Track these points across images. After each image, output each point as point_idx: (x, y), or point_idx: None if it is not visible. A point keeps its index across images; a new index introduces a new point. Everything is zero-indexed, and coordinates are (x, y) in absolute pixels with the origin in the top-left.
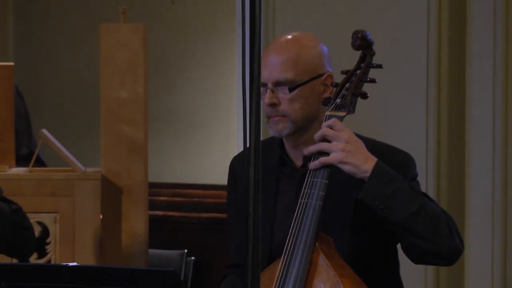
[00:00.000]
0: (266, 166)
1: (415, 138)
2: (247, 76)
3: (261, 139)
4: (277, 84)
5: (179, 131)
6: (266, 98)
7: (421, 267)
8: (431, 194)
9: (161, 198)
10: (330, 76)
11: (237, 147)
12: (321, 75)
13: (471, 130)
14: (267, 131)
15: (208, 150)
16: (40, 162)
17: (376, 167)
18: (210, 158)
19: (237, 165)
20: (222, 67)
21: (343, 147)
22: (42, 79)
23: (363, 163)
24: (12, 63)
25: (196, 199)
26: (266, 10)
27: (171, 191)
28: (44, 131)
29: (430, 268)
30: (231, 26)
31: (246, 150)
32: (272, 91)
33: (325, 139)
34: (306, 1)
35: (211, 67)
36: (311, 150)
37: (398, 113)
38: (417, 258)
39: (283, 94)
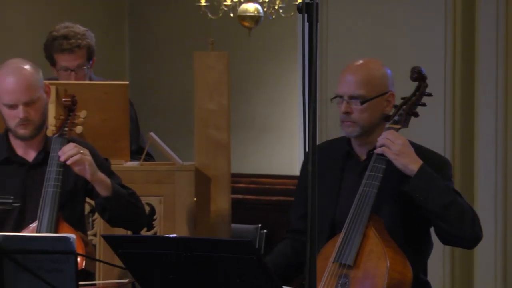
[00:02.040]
0: (334, 158)
1: (434, 139)
2: (306, 92)
3: (317, 141)
4: (352, 97)
5: (254, 133)
6: (342, 107)
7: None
8: None
9: (241, 185)
10: (392, 95)
11: (298, 146)
12: (386, 93)
13: (479, 132)
14: (321, 134)
15: (276, 148)
16: (149, 156)
17: (420, 168)
18: (277, 155)
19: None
20: (287, 84)
21: (399, 148)
22: (151, 93)
23: (411, 164)
24: (127, 82)
25: (267, 186)
26: (321, 40)
27: (248, 179)
28: (152, 134)
29: (448, 252)
30: (294, 52)
31: (323, 143)
32: (347, 102)
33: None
34: (352, 32)
35: (278, 84)
36: (379, 143)
37: (421, 118)
38: (445, 240)
39: (356, 106)
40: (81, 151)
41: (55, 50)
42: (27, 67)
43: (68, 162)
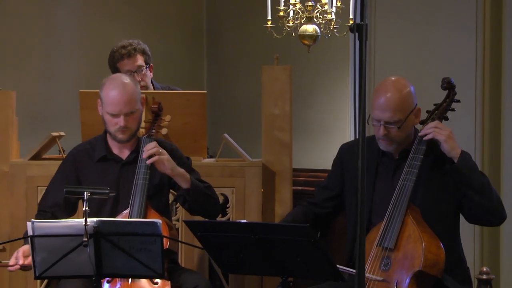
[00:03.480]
0: (370, 156)
1: (467, 139)
2: (357, 99)
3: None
4: (388, 123)
5: (312, 134)
6: (380, 131)
7: (471, 235)
8: None
9: (301, 178)
10: (419, 109)
11: None
12: (414, 108)
13: (505, 133)
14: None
15: (330, 147)
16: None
17: (463, 152)
18: (332, 152)
19: (346, 151)
20: (339, 93)
21: (449, 133)
22: (225, 100)
23: (456, 148)
24: (205, 91)
25: (323, 179)
26: (369, 55)
27: (307, 174)
28: (225, 135)
29: (478, 235)
30: (346, 66)
31: (354, 141)
32: (385, 127)
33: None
34: (396, 49)
35: (332, 93)
36: (429, 126)
37: (455, 122)
38: (474, 216)
39: (393, 130)
40: (160, 151)
41: (117, 59)
42: (129, 82)
43: (147, 162)
